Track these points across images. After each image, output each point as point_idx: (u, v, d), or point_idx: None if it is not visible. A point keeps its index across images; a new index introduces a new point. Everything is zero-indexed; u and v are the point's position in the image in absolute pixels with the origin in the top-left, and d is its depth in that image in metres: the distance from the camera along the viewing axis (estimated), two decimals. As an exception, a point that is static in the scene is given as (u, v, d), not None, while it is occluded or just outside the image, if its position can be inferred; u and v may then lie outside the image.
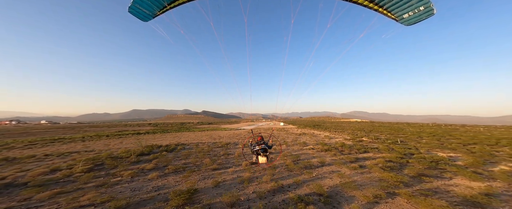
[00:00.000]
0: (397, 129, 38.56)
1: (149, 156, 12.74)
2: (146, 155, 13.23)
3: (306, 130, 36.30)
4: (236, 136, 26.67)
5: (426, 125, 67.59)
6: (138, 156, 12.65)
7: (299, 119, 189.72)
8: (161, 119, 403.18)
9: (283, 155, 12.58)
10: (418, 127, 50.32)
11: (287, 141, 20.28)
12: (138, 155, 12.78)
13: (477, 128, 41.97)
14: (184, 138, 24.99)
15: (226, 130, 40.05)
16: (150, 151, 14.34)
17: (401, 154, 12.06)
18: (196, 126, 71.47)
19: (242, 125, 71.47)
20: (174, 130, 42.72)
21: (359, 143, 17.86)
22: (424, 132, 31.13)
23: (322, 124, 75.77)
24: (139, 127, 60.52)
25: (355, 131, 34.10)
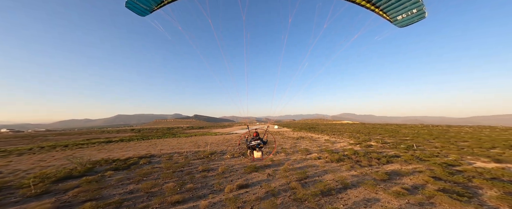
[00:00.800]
0: (392, 131, 37.26)
1: (78, 180, 8.51)
2: (75, 178, 8.94)
3: (303, 134, 33.51)
4: (226, 142, 22.93)
5: (416, 126, 68.65)
6: (56, 182, 8.36)
7: (293, 121, 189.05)
8: (148, 124, 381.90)
9: (284, 170, 9.28)
10: (410, 128, 49.96)
11: (285, 147, 17.03)
12: (58, 180, 8.47)
13: (464, 129, 42.24)
14: (162, 146, 20.74)
15: (216, 135, 35.98)
16: (89, 170, 10.13)
17: (445, 169, 8.88)
18: (184, 131, 65.99)
19: (235, 129, 67.39)
20: (157, 136, 37.65)
21: (369, 149, 15.13)
22: (419, 133, 29.75)
23: (316, 126, 74.17)
24: (117, 134, 53.91)
25: (354, 133, 31.96)
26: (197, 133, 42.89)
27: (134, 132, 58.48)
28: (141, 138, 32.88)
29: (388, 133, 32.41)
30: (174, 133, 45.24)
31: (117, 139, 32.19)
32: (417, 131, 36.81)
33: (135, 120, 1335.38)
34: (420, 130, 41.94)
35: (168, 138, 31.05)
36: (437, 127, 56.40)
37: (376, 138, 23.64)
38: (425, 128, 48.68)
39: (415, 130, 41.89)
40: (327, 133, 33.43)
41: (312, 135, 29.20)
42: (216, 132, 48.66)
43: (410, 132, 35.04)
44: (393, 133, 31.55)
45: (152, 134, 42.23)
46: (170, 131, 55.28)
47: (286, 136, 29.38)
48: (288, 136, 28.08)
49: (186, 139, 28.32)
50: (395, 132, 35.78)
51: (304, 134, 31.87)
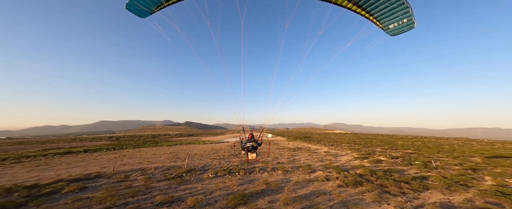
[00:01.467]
0: (389, 142, 35.93)
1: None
2: None
3: (299, 144, 30.84)
4: (213, 153, 19.49)
5: (406, 137, 69.23)
6: None
7: (286, 130, 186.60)
8: (133, 131, 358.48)
9: (285, 202, 6.41)
10: (403, 139, 49.53)
11: (282, 161, 14.13)
12: None
13: (451, 141, 42.32)
14: (130, 159, 16.85)
15: (204, 144, 32.12)
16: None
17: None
18: (170, 138, 60.55)
19: (227, 137, 63.17)
20: (134, 145, 32.81)
21: (380, 165, 12.74)
22: (417, 145, 28.45)
23: (310, 135, 72.09)
24: (90, 142, 47.33)
25: (352, 144, 29.93)
26: (184, 142, 38.51)
27: (112, 140, 52.05)
28: (114, 147, 28.08)
29: (386, 144, 30.81)
30: (157, 141, 40.41)
31: (82, 149, 27.13)
32: (412, 143, 35.80)
33: (119, 126, 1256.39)
34: (414, 141, 41.25)
35: (147, 148, 26.74)
36: (426, 139, 56.81)
37: (378, 150, 21.62)
38: (418, 140, 48.44)
39: (409, 141, 41.13)
40: (324, 143, 31.07)
41: (309, 146, 26.61)
42: (205, 140, 44.51)
43: (406, 143, 33.83)
44: (391, 145, 29.97)
45: (130, 143, 37.12)
46: (153, 139, 49.96)
47: (281, 146, 26.51)
48: (284, 147, 25.22)
49: (166, 149, 24.32)
50: (392, 143, 34.37)
51: (300, 144, 29.20)
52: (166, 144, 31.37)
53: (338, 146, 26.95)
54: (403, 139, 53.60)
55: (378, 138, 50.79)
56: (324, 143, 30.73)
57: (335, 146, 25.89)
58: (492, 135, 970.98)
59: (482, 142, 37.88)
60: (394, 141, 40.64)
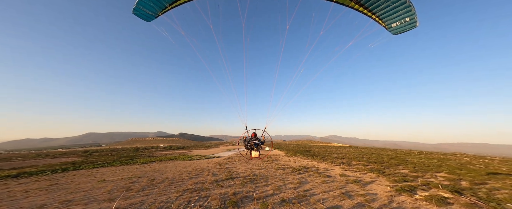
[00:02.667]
0: (400, 159, 31.93)
1: None
2: None
3: (302, 160, 26.11)
4: (193, 176, 14.56)
5: (412, 153, 65.60)
6: None
7: (283, 142, 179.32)
8: (120, 144, 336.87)
9: None
10: (411, 155, 45.67)
11: (288, 198, 9.59)
12: None
13: (466, 158, 38.98)
14: (52, 193, 11.76)
15: (189, 160, 26.73)
16: None
17: None
18: (154, 152, 53.79)
19: (220, 150, 57.09)
20: (102, 163, 26.82)
21: (434, 193, 8.48)
22: (433, 164, 24.52)
23: (309, 148, 66.91)
24: (55, 159, 40.12)
25: (362, 161, 25.62)
26: (166, 157, 32.66)
27: (83, 155, 44.71)
28: (74, 167, 22.17)
29: (399, 161, 26.71)
30: (135, 156, 34.32)
31: (37, 169, 21.07)
32: (425, 160, 31.93)
33: (108, 138, 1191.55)
34: (424, 158, 37.40)
35: (113, 166, 21.17)
36: (433, 154, 53.29)
37: (404, 171, 17.44)
38: (427, 156, 44.64)
39: (419, 158, 37.24)
40: (331, 160, 26.54)
41: (315, 164, 21.97)
42: (194, 154, 38.65)
43: (422, 161, 29.82)
44: (408, 163, 25.92)
45: (100, 159, 30.91)
46: (133, 154, 43.37)
47: (281, 163, 21.72)
48: (285, 165, 20.43)
49: (133, 169, 18.88)
50: (404, 160, 30.35)
51: (303, 161, 24.46)
52: (142, 161, 25.75)
53: (349, 164, 22.54)
54: (410, 154, 49.69)
55: (384, 154, 46.61)
56: (331, 160, 26.17)
57: (346, 164, 21.45)
58: (481, 150, 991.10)
59: (494, 159, 34.56)
60: (404, 157, 36.57)
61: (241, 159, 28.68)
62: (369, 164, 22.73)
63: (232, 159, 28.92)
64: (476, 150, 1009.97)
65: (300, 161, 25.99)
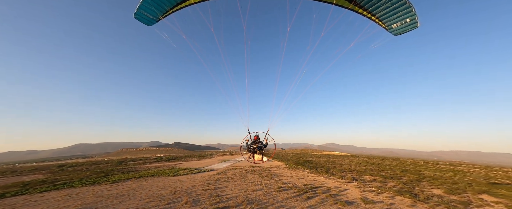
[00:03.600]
0: (413, 172, 28.91)
1: None
2: None
3: (305, 174, 22.53)
4: (170, 204, 10.86)
5: (418, 163, 62.66)
6: None
7: (282, 151, 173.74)
8: (111, 155, 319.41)
9: None
10: (418, 166, 42.73)
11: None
12: None
13: (477, 170, 36.43)
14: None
15: (176, 176, 22.61)
16: None
17: None
18: (143, 164, 48.62)
19: (214, 162, 52.28)
20: (72, 180, 22.28)
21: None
22: (450, 178, 21.60)
23: (310, 158, 62.81)
24: (17, 177, 34.59)
25: (373, 175, 22.36)
26: (147, 172, 28.10)
27: (53, 171, 38.96)
28: (5, 193, 17.63)
29: (416, 175, 23.58)
30: (110, 172, 29.52)
31: None
32: (437, 171, 29.00)
33: (99, 149, 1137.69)
34: (438, 172, 34.42)
35: (69, 189, 16.88)
36: (439, 165, 50.52)
37: (425, 188, 14.32)
38: (435, 166, 41.75)
39: (433, 169, 34.27)
40: (338, 173, 23.06)
41: (323, 181, 18.41)
42: (183, 167, 34.13)
43: (437, 175, 26.85)
44: (420, 176, 22.87)
45: (67, 177, 26.13)
46: (113, 168, 38.30)
47: (282, 179, 18.10)
48: (287, 182, 16.75)
49: (90, 195, 14.69)
50: (417, 172, 27.24)
51: (308, 176, 20.86)
52: (114, 179, 21.50)
53: (362, 180, 19.21)
54: (418, 165, 46.68)
55: (391, 164, 43.35)
56: (339, 175, 22.71)
57: (360, 182, 18.11)
58: (475, 158, 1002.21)
59: (493, 170, 31.96)
60: (415, 169, 33.41)
61: (235, 174, 24.84)
62: (386, 179, 19.45)
63: (225, 173, 25.01)
64: (470, 158, 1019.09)
65: (303, 175, 22.40)
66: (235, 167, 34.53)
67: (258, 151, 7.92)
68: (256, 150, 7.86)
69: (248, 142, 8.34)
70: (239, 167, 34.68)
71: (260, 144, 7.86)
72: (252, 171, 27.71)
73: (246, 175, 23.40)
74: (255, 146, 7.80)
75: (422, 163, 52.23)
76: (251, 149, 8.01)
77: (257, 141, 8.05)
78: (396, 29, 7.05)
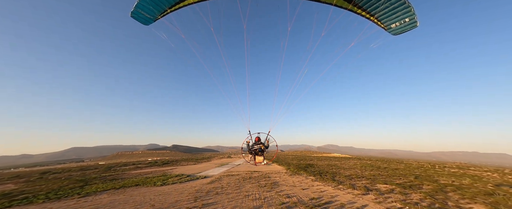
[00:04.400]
0: (428, 179, 26.41)
1: None
2: None
3: (309, 182, 19.80)
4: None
5: (430, 167, 60.23)
6: None
7: (281, 152, 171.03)
8: (106, 158, 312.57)
9: None
10: (432, 170, 40.21)
11: None
12: None
13: (487, 174, 34.04)
14: None
15: (163, 185, 19.70)
16: None
17: None
18: (134, 170, 45.44)
19: (210, 166, 49.25)
20: (39, 192, 19.12)
21: None
22: (475, 187, 19.14)
23: (310, 160, 59.97)
24: None
25: (387, 181, 19.76)
26: (132, 181, 25.04)
27: (30, 180, 35.44)
28: None
29: (435, 184, 21.04)
30: (92, 179, 26.36)
31: None
32: (453, 176, 26.51)
33: (95, 152, 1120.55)
34: (455, 178, 31.94)
35: (25, 206, 13.94)
36: (447, 168, 48.12)
37: (458, 201, 11.80)
38: (450, 172, 39.21)
39: (447, 174, 31.72)
40: (346, 181, 20.36)
41: (331, 191, 15.65)
42: (175, 173, 31.09)
43: (458, 182, 24.40)
44: (439, 184, 20.30)
45: (39, 187, 22.90)
46: (99, 175, 35.08)
47: (284, 190, 15.31)
48: (289, 193, 13.92)
49: None
50: (432, 180, 24.70)
51: (313, 185, 18.00)
52: (92, 189, 18.54)
53: (378, 190, 16.59)
54: (423, 168, 44.18)
55: (398, 168, 40.74)
56: (348, 183, 20.02)
57: (377, 194, 15.46)
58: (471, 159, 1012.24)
59: None
60: (427, 174, 30.83)
61: (231, 182, 22.01)
62: (405, 190, 16.79)
63: (219, 182, 22.17)
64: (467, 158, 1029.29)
65: (307, 184, 19.65)
66: (232, 173, 31.64)
67: (260, 153, 7.83)
68: (257, 151, 7.78)
69: (249, 143, 8.27)
70: (236, 172, 31.79)
71: (261, 145, 7.75)
72: (251, 178, 24.96)
73: (243, 183, 20.60)
74: (257, 148, 7.73)
75: (429, 166, 49.76)
76: (252, 151, 7.97)
77: (259, 143, 8.00)
78: (395, 29, 7.05)
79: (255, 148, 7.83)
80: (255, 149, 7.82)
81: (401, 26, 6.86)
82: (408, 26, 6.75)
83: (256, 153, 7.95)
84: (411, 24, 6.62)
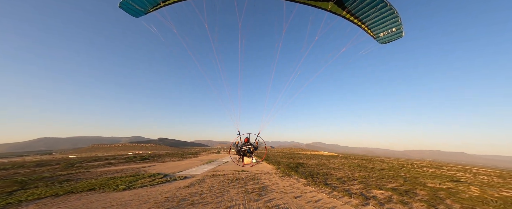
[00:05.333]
0: (407, 177, 26.24)
1: None
2: None
3: (300, 186, 17.74)
4: None
5: (421, 164, 62.95)
6: None
7: (271, 149, 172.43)
8: (79, 151, 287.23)
9: None
10: (412, 170, 41.37)
11: None
12: None
13: (446, 171, 35.89)
14: None
15: (128, 190, 16.02)
16: None
17: None
18: (105, 166, 40.11)
19: (195, 163, 45.68)
20: None
21: None
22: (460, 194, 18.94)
23: (299, 158, 59.31)
24: None
25: (381, 186, 18.55)
26: (89, 184, 20.63)
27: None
28: None
29: (425, 188, 20.41)
30: (36, 180, 21.48)
31: None
32: (431, 175, 26.78)
33: (68, 144, 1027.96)
34: (429, 175, 32.63)
35: None
36: (425, 168, 50.58)
37: None
38: (421, 170, 40.69)
39: (429, 176, 32.35)
40: (338, 184, 18.66)
41: (326, 198, 13.57)
42: (151, 172, 27.09)
43: (441, 183, 24.38)
44: (431, 188, 19.74)
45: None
46: (52, 174, 29.66)
47: (273, 200, 12.80)
48: (278, 204, 11.59)
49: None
50: (419, 183, 24.46)
51: (305, 191, 15.84)
52: (25, 196, 14.37)
53: (372, 196, 15.05)
54: (405, 168, 45.63)
55: (385, 169, 41.28)
56: (341, 187, 18.36)
57: (376, 202, 13.81)
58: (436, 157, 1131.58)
59: None
60: (412, 175, 31.03)
61: (214, 185, 19.14)
62: (403, 197, 15.43)
63: (200, 185, 19.19)
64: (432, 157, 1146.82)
65: (299, 189, 17.55)
66: (217, 172, 28.73)
67: (248, 154, 7.90)
68: (246, 152, 7.84)
69: (238, 144, 8.30)
70: (222, 172, 28.94)
71: (250, 146, 7.82)
72: (237, 180, 22.34)
73: (227, 188, 17.86)
74: (245, 149, 7.78)
75: (409, 166, 51.92)
76: (240, 152, 8.02)
77: (248, 144, 8.02)
78: (383, 38, 7.34)
79: (244, 149, 7.86)
80: (244, 150, 7.86)
81: (388, 36, 7.09)
82: (394, 36, 6.99)
83: (244, 154, 7.98)
84: (397, 34, 6.86)
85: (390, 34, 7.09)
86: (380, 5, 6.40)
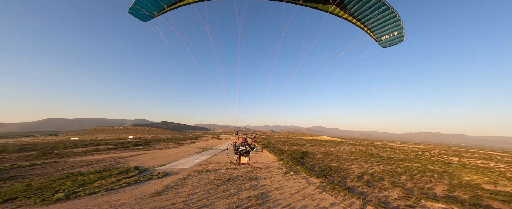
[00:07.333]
0: (424, 169, 20.89)
1: None
2: None
3: (312, 193, 12.42)
4: None
5: (428, 149, 58.38)
6: None
7: (272, 134, 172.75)
8: (82, 133, 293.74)
9: None
10: (431, 161, 36.23)
11: None
12: None
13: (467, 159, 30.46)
14: None
15: (60, 202, 10.90)
16: None
17: None
18: (93, 152, 36.35)
19: (190, 151, 41.45)
20: None
21: None
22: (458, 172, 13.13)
23: (302, 146, 54.90)
24: None
25: (393, 181, 13.04)
26: (38, 183, 15.92)
27: None
28: None
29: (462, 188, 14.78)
30: (23, 169, 16.83)
31: None
32: (475, 172, 21.25)
33: (75, 125, 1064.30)
34: (447, 162, 27.20)
35: None
36: (446, 156, 45.59)
37: None
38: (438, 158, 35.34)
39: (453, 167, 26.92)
40: (367, 188, 13.19)
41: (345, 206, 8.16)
42: (125, 167, 22.25)
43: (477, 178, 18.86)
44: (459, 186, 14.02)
45: None
46: (8, 165, 25.31)
47: None
48: None
49: None
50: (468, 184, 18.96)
51: (320, 202, 10.52)
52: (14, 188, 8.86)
53: (417, 203, 9.41)
54: (423, 156, 40.67)
55: (406, 160, 36.18)
56: (375, 195, 12.90)
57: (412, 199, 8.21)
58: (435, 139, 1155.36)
59: None
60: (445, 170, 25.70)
61: (197, 189, 13.73)
62: (437, 202, 9.70)
63: (178, 190, 13.85)
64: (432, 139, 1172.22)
65: (313, 198, 12.05)
66: (209, 166, 23.59)
67: (245, 154, 7.87)
68: (243, 152, 7.84)
69: (236, 144, 8.44)
70: (215, 166, 23.77)
71: (247, 146, 7.86)
72: (230, 180, 17.09)
73: (214, 194, 12.45)
74: (242, 149, 7.80)
75: (428, 154, 47.06)
76: (238, 151, 8.02)
77: (245, 144, 8.08)
78: (385, 41, 7.43)
79: (241, 149, 7.76)
80: (241, 150, 7.76)
81: (390, 39, 7.18)
82: (396, 40, 7.06)
83: (241, 154, 7.83)
84: (399, 38, 6.88)
85: (391, 38, 7.11)
86: (382, 8, 6.43)
